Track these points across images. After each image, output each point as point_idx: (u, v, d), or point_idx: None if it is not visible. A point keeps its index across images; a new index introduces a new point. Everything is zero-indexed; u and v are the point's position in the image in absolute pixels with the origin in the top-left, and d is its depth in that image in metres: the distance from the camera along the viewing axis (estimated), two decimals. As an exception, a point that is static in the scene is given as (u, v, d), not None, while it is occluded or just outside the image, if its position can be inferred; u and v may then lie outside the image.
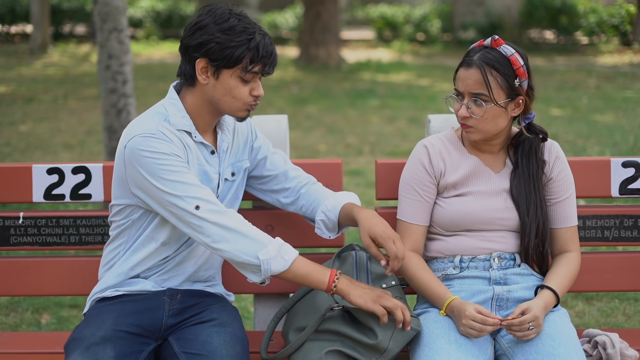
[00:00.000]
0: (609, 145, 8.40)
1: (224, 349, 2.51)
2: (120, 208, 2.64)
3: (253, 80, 2.58)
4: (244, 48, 2.52)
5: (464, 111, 2.65)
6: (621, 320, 4.35)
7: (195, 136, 2.61)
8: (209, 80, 2.57)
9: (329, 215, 2.73)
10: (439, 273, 2.75)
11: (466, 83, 2.64)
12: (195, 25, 2.56)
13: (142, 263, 2.65)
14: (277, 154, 2.85)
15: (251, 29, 2.54)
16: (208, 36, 2.52)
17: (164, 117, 2.59)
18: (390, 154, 8.28)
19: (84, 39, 18.97)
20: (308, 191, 2.80)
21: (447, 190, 2.75)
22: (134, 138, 2.51)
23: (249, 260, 2.47)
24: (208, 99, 2.59)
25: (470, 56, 2.66)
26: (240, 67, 2.53)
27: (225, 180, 2.71)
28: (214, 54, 2.52)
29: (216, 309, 2.66)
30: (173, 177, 2.50)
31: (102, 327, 2.53)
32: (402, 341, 2.55)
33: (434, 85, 13.00)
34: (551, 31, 18.28)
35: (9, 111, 10.80)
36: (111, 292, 2.65)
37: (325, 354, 2.53)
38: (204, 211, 2.48)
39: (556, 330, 2.55)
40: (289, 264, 2.49)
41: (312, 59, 14.94)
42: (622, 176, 3.01)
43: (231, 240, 2.48)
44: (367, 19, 20.31)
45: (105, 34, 6.06)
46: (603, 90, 12.31)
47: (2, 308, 4.54)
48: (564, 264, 2.73)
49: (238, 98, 2.57)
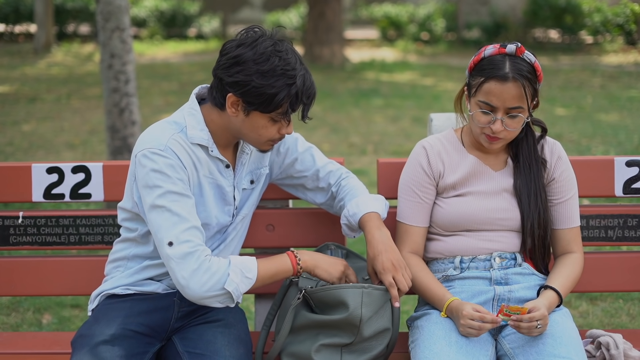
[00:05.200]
0: (614, 145, 8.38)
1: (227, 350, 2.50)
2: (130, 215, 2.61)
3: (284, 118, 2.49)
4: (284, 95, 2.41)
5: (500, 126, 2.60)
6: (625, 320, 4.33)
7: (212, 150, 2.55)
8: (238, 114, 2.48)
9: (350, 221, 2.69)
10: (440, 274, 2.73)
11: (503, 98, 2.57)
12: (234, 59, 2.41)
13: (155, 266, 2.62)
14: (307, 151, 2.77)
15: (291, 71, 2.41)
16: (245, 77, 2.39)
17: (180, 129, 2.52)
18: (393, 154, 8.27)
19: (88, 38, 18.99)
20: (338, 190, 2.77)
21: (447, 190, 2.73)
22: (143, 151, 2.46)
23: (217, 293, 2.43)
24: (233, 127, 2.52)
25: (500, 68, 2.57)
26: (275, 112, 2.45)
27: (244, 189, 2.68)
28: (250, 97, 2.42)
29: (222, 310, 2.64)
30: (164, 202, 2.43)
31: (112, 325, 2.52)
32: (373, 305, 2.53)
33: (438, 84, 12.98)
34: (556, 30, 18.25)
35: (13, 110, 10.81)
36: (122, 290, 2.63)
37: (315, 352, 2.52)
38: (174, 250, 2.42)
39: (558, 330, 2.53)
40: (255, 279, 2.48)
41: (316, 58, 14.92)
42: (626, 175, 2.99)
43: (194, 286, 2.41)
44: (371, 18, 20.29)
45: (107, 33, 6.05)
46: (608, 89, 12.28)
47: (3, 308, 4.53)
48: (567, 265, 2.71)
49: (264, 136, 2.50)
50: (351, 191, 2.74)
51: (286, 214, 2.97)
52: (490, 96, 2.58)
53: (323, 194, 2.80)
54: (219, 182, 2.60)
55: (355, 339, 2.52)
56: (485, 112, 2.60)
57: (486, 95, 2.59)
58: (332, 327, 2.54)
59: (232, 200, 2.63)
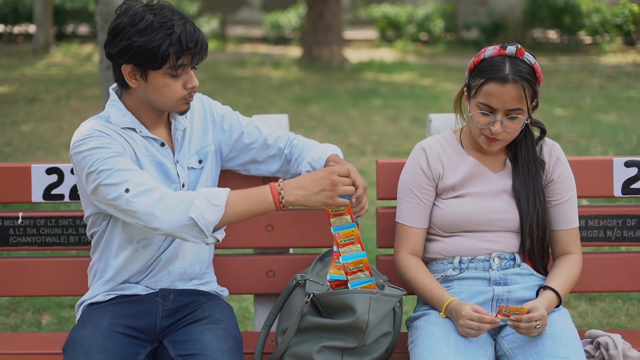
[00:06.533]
0: (612, 145, 8.38)
1: (215, 344, 2.49)
2: (92, 219, 2.64)
3: (184, 72, 2.51)
4: (166, 45, 2.43)
5: (499, 127, 2.60)
6: (624, 320, 4.33)
7: (140, 131, 2.58)
8: (139, 83, 2.51)
9: (314, 166, 2.70)
10: (439, 274, 2.73)
11: (503, 100, 2.58)
12: (113, 30, 2.47)
13: (126, 268, 2.63)
14: (250, 124, 2.79)
15: (169, 22, 2.44)
16: (127, 41, 2.43)
17: (104, 119, 2.57)
18: (392, 154, 8.27)
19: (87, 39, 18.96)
20: (291, 150, 2.78)
21: (446, 192, 2.74)
22: (73, 145, 2.49)
23: (183, 222, 2.38)
24: (143, 100, 2.55)
25: (500, 70, 2.58)
26: (167, 66, 2.47)
27: (192, 168, 2.67)
28: (138, 58, 2.45)
29: (209, 307, 2.64)
30: (107, 166, 2.43)
31: (100, 327, 2.52)
32: (380, 311, 2.54)
33: (437, 85, 12.97)
34: (554, 31, 18.24)
35: (12, 111, 10.80)
36: (103, 297, 2.65)
37: (316, 353, 2.53)
38: (132, 194, 2.39)
39: (557, 331, 2.53)
40: (224, 208, 2.40)
41: (315, 58, 14.92)
42: (625, 176, 2.99)
43: (160, 214, 2.38)
44: (370, 18, 20.28)
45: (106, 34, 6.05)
46: (606, 89, 12.28)
47: (3, 308, 4.53)
48: (566, 266, 2.72)
49: (171, 96, 2.52)
50: (306, 144, 2.77)
51: (285, 215, 2.97)
52: (490, 98, 2.58)
53: (276, 161, 2.80)
54: (158, 160, 2.61)
55: (359, 343, 2.53)
56: (484, 113, 2.61)
57: (486, 97, 2.59)
58: (338, 330, 2.55)
59: (176, 177, 2.63)
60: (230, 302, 4.54)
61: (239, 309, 4.48)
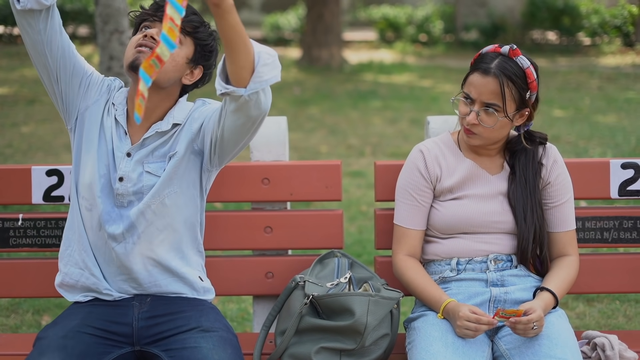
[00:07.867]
0: (611, 147, 8.38)
1: (215, 353, 2.47)
2: None
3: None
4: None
5: (473, 118, 2.63)
6: (622, 321, 4.34)
7: (116, 109, 2.65)
8: None
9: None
10: (436, 276, 2.75)
11: (480, 91, 2.61)
12: None
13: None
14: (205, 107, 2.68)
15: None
16: None
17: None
18: (391, 155, 8.27)
19: (87, 40, 18.96)
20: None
21: (444, 194, 2.75)
22: None
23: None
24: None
25: (487, 63, 2.62)
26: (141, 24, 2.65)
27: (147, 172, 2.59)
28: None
29: (194, 318, 2.59)
30: None
31: (66, 328, 2.55)
32: (378, 314, 2.56)
33: (436, 86, 12.98)
34: (553, 32, 18.24)
35: (11, 112, 10.81)
36: (82, 297, 2.67)
37: (315, 354, 2.54)
38: None
39: (554, 332, 2.55)
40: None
41: (315, 60, 14.92)
42: (622, 178, 3.00)
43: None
44: (370, 20, 20.29)
45: (106, 36, 6.07)
46: (605, 91, 12.29)
47: (3, 310, 4.54)
48: (563, 267, 2.73)
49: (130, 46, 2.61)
50: None
51: (284, 216, 2.98)
52: (470, 87, 2.64)
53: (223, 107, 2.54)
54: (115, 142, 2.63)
55: (357, 345, 2.55)
56: (464, 102, 2.65)
57: (467, 86, 2.65)
58: (337, 332, 2.56)
59: (113, 162, 2.61)
60: (229, 303, 4.58)
61: (238, 310, 4.49)
